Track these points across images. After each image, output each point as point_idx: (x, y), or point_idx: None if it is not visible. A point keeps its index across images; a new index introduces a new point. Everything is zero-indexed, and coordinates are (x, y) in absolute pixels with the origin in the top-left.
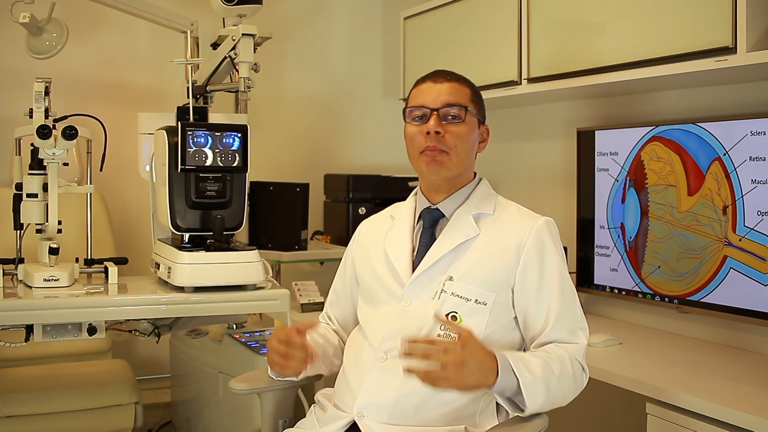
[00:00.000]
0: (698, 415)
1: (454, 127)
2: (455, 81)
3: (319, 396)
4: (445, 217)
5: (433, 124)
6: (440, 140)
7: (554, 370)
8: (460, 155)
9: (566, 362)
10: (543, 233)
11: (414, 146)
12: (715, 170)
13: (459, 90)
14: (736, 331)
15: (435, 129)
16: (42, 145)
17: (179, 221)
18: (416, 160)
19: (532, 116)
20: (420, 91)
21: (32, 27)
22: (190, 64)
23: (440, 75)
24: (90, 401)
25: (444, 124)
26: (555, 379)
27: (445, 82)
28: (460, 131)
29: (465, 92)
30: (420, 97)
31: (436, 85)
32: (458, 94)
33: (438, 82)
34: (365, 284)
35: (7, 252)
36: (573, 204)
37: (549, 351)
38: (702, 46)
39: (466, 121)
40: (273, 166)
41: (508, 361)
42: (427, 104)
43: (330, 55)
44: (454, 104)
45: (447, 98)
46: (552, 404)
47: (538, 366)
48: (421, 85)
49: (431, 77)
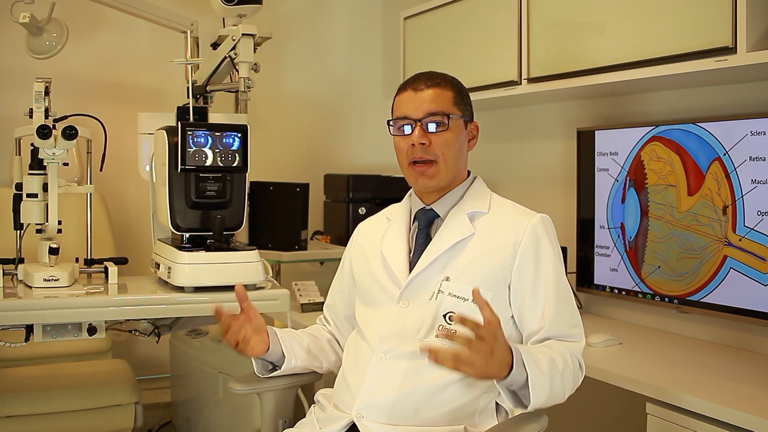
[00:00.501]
0: (698, 415)
1: (438, 136)
2: (435, 86)
3: (319, 396)
4: (439, 217)
5: (417, 135)
6: (426, 150)
7: (558, 367)
8: (449, 162)
9: (568, 359)
10: (539, 230)
11: (402, 157)
12: (715, 170)
13: (440, 96)
14: (736, 331)
15: (420, 141)
16: (42, 145)
17: (179, 221)
18: (406, 170)
19: (532, 116)
20: (401, 101)
21: (32, 27)
22: (190, 64)
23: (420, 81)
24: (90, 401)
25: (428, 134)
26: (558, 376)
27: (426, 89)
28: (446, 139)
29: (447, 97)
30: (402, 108)
31: (417, 94)
32: (440, 100)
33: (418, 90)
34: (363, 286)
35: (7, 252)
36: (573, 204)
37: (552, 347)
38: (702, 46)
39: (450, 127)
40: (273, 166)
41: (520, 354)
42: (410, 115)
43: (330, 55)
44: (436, 113)
45: (429, 107)
46: (552, 401)
47: (545, 362)
48: (402, 95)
49: (411, 84)
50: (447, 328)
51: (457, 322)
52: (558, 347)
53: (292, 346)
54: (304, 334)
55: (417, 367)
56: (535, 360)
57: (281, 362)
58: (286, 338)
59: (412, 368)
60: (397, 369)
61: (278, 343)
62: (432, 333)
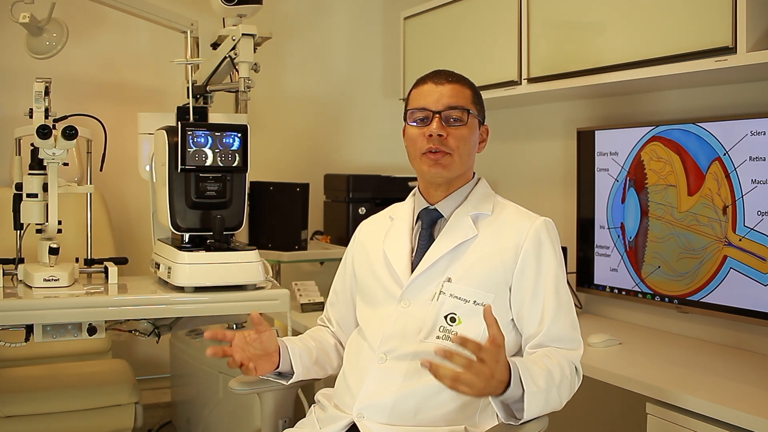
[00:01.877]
0: (698, 415)
1: (456, 130)
2: (456, 82)
3: (319, 396)
4: (443, 218)
5: (435, 127)
6: (443, 142)
7: (555, 380)
8: (463, 157)
9: (566, 369)
10: (541, 233)
11: (415, 148)
12: (715, 170)
13: (460, 92)
14: (736, 331)
15: (438, 132)
16: (42, 145)
17: (179, 221)
18: (417, 161)
19: (532, 116)
20: (421, 92)
21: (32, 27)
22: (190, 64)
23: (441, 76)
24: (90, 401)
25: (446, 127)
26: (555, 389)
27: (447, 83)
28: (463, 133)
29: (466, 94)
30: (421, 99)
31: (438, 87)
32: (460, 96)
33: (439, 84)
34: (364, 285)
35: (7, 252)
36: (573, 204)
37: (550, 356)
38: (702, 46)
39: (467, 123)
40: (273, 166)
41: (518, 371)
42: (429, 106)
43: (330, 55)
44: (456, 107)
45: (449, 100)
46: (547, 412)
47: (542, 377)
48: (422, 87)
49: (432, 78)
50: (448, 329)
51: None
52: (556, 357)
53: (303, 362)
54: (312, 345)
55: (417, 368)
56: (533, 376)
57: (288, 377)
58: (297, 353)
59: (413, 369)
60: (398, 369)
61: (288, 360)
62: (433, 334)
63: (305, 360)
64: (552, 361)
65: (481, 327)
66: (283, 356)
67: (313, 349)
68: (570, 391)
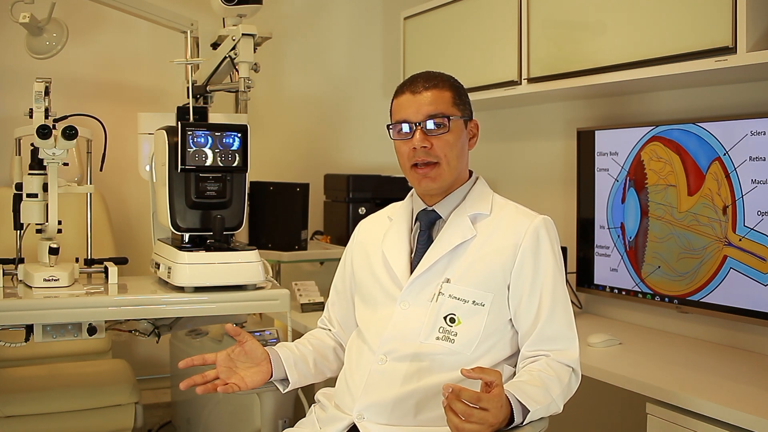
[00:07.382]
0: (698, 415)
1: (440, 138)
2: (434, 87)
3: (320, 395)
4: (441, 219)
5: (418, 138)
6: (428, 152)
7: (553, 394)
8: (451, 163)
9: (563, 377)
10: (540, 231)
11: (404, 160)
12: (715, 170)
13: (439, 97)
14: (736, 331)
15: (422, 144)
16: (42, 145)
17: (179, 221)
18: (408, 173)
19: (532, 116)
20: (400, 104)
21: (32, 27)
22: (190, 64)
23: (417, 83)
24: (90, 401)
25: (429, 137)
26: (554, 404)
27: (424, 91)
28: (448, 140)
29: (445, 97)
30: (401, 111)
31: (416, 97)
32: (439, 101)
33: (416, 93)
34: (363, 286)
35: (7, 252)
36: (573, 204)
37: (545, 370)
38: (702, 46)
39: (451, 128)
40: (273, 166)
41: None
42: (410, 118)
43: (330, 55)
44: (436, 114)
45: (428, 109)
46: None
47: (541, 395)
48: (401, 98)
49: (409, 87)
50: (447, 329)
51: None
52: (553, 367)
53: (298, 369)
54: (309, 349)
55: (417, 369)
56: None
57: (284, 384)
58: (291, 362)
59: (413, 370)
60: (398, 370)
61: (282, 369)
62: (432, 335)
63: (301, 367)
64: (549, 373)
65: (480, 326)
66: (276, 364)
67: (309, 354)
68: (569, 394)
